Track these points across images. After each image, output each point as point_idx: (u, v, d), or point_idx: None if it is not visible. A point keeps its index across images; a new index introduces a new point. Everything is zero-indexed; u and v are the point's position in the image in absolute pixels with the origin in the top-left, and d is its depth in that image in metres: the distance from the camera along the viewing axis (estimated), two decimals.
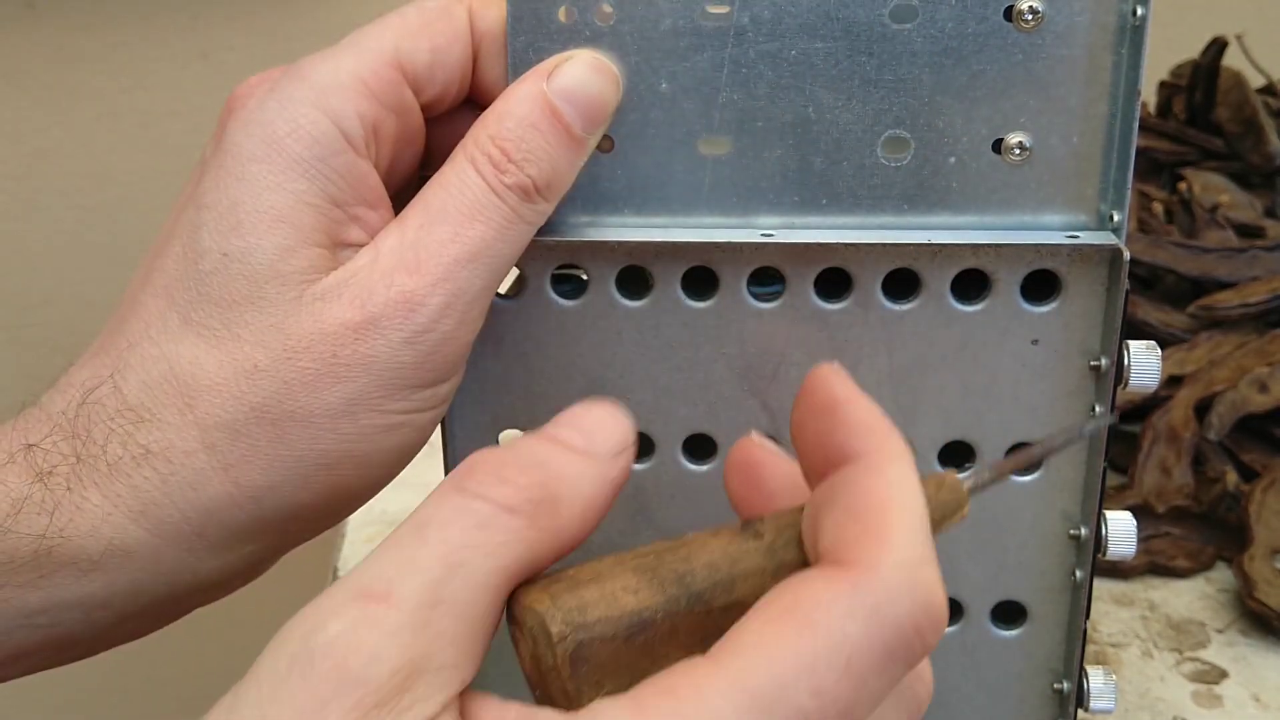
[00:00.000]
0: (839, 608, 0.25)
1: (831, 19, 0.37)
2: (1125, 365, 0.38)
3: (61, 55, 1.02)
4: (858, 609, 0.25)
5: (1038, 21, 0.36)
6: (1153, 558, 0.60)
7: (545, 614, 0.27)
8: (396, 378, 0.35)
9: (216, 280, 0.35)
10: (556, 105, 0.35)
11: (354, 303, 0.34)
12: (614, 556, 0.29)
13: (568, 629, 0.27)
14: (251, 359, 0.34)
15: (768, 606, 0.26)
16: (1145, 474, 0.63)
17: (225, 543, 0.35)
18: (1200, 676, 0.54)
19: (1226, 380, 0.65)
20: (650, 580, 0.28)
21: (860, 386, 0.29)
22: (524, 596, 0.28)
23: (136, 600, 0.35)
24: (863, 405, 0.29)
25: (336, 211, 0.35)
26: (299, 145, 0.35)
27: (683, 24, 0.37)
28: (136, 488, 0.34)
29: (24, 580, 0.33)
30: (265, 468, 0.34)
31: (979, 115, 0.37)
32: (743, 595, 0.28)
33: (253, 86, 0.37)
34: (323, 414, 0.34)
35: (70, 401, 0.35)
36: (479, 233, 0.35)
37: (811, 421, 0.29)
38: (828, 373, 0.29)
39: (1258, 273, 0.69)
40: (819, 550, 0.27)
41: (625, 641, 0.27)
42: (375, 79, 0.36)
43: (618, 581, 0.28)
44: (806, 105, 0.37)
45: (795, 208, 0.38)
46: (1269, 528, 0.58)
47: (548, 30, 0.37)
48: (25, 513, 0.33)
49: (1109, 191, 0.38)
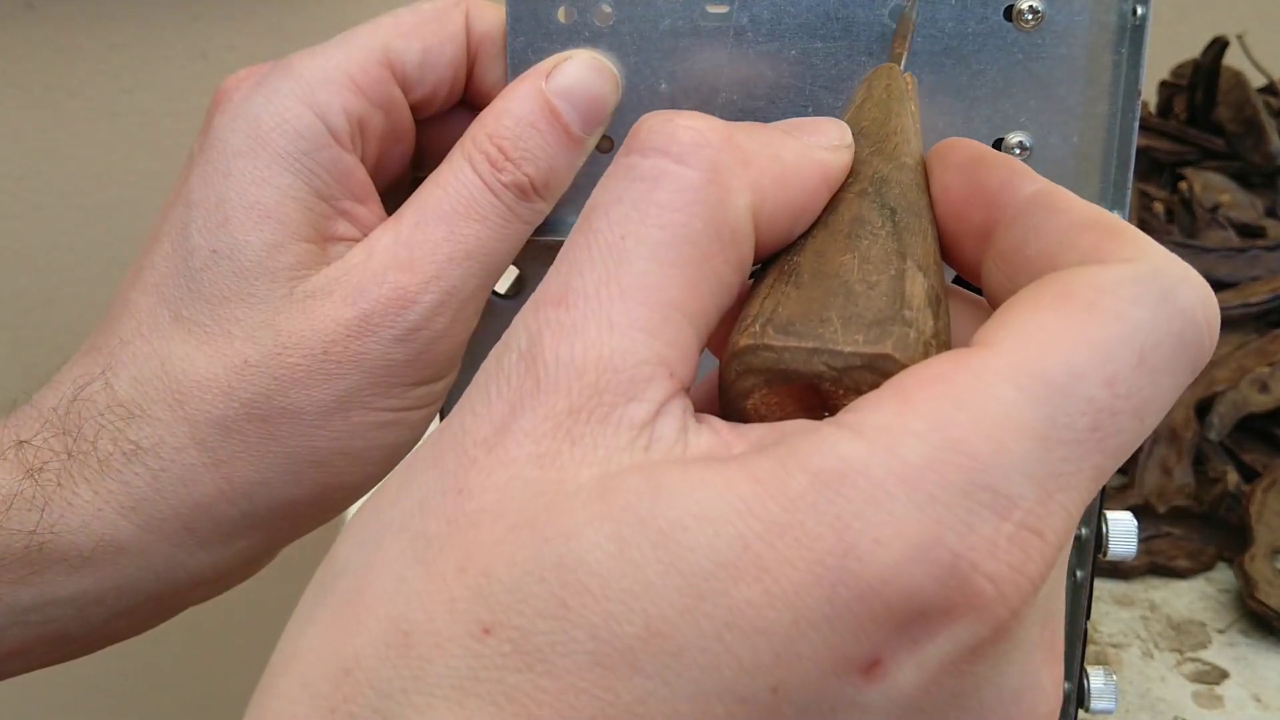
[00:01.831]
0: (1127, 291, 0.22)
1: (831, 19, 0.37)
2: None
3: (61, 55, 1.02)
4: (1146, 294, 0.22)
5: (1038, 21, 0.36)
6: (1153, 558, 0.60)
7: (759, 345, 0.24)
8: (388, 375, 0.35)
9: (206, 277, 0.35)
10: (555, 105, 0.35)
11: (346, 299, 0.34)
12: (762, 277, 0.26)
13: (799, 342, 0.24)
14: (242, 355, 0.34)
15: (1035, 295, 0.23)
16: (1146, 474, 0.63)
17: (216, 539, 0.35)
18: (1201, 677, 0.54)
19: (1227, 380, 0.65)
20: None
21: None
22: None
23: (129, 596, 0.35)
24: (1002, 154, 0.27)
25: (323, 206, 0.35)
26: (284, 140, 0.35)
27: (682, 24, 0.37)
28: (127, 484, 0.34)
29: (16, 577, 0.34)
30: (256, 464, 0.34)
31: (979, 115, 0.37)
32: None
33: (241, 80, 0.37)
34: (313, 410, 0.34)
35: (62, 398, 0.35)
36: (474, 231, 0.35)
37: (959, 174, 0.27)
38: (955, 140, 0.28)
39: (1258, 272, 0.69)
40: (1062, 267, 0.24)
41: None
42: (363, 75, 0.36)
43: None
44: (806, 105, 0.37)
45: None
46: (1270, 528, 0.58)
47: (547, 30, 0.37)
48: (16, 509, 0.33)
49: (1109, 191, 0.38)
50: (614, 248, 0.23)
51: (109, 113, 1.04)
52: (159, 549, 0.35)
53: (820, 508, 0.20)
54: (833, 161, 0.26)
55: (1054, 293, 0.23)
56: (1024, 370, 0.21)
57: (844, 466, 0.21)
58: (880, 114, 0.29)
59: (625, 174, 0.24)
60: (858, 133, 0.28)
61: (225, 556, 0.36)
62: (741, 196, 0.24)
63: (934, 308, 0.25)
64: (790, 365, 0.24)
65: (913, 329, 0.24)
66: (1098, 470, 0.22)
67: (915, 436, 0.21)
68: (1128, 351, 0.22)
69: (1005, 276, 0.25)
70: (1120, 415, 0.22)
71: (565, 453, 0.22)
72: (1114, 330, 0.22)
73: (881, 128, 0.29)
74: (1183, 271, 0.23)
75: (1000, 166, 0.26)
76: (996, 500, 0.21)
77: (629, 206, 0.24)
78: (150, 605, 0.36)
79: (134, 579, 0.35)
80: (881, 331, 0.24)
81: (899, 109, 0.29)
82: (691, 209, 0.24)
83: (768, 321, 0.24)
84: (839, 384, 0.24)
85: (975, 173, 0.27)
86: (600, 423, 0.22)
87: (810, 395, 0.24)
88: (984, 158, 0.27)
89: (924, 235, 0.26)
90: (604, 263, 0.23)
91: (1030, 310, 0.23)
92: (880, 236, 0.26)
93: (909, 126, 0.29)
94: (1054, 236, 0.24)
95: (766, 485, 0.21)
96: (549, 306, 0.23)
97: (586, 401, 0.22)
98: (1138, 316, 0.22)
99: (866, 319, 0.24)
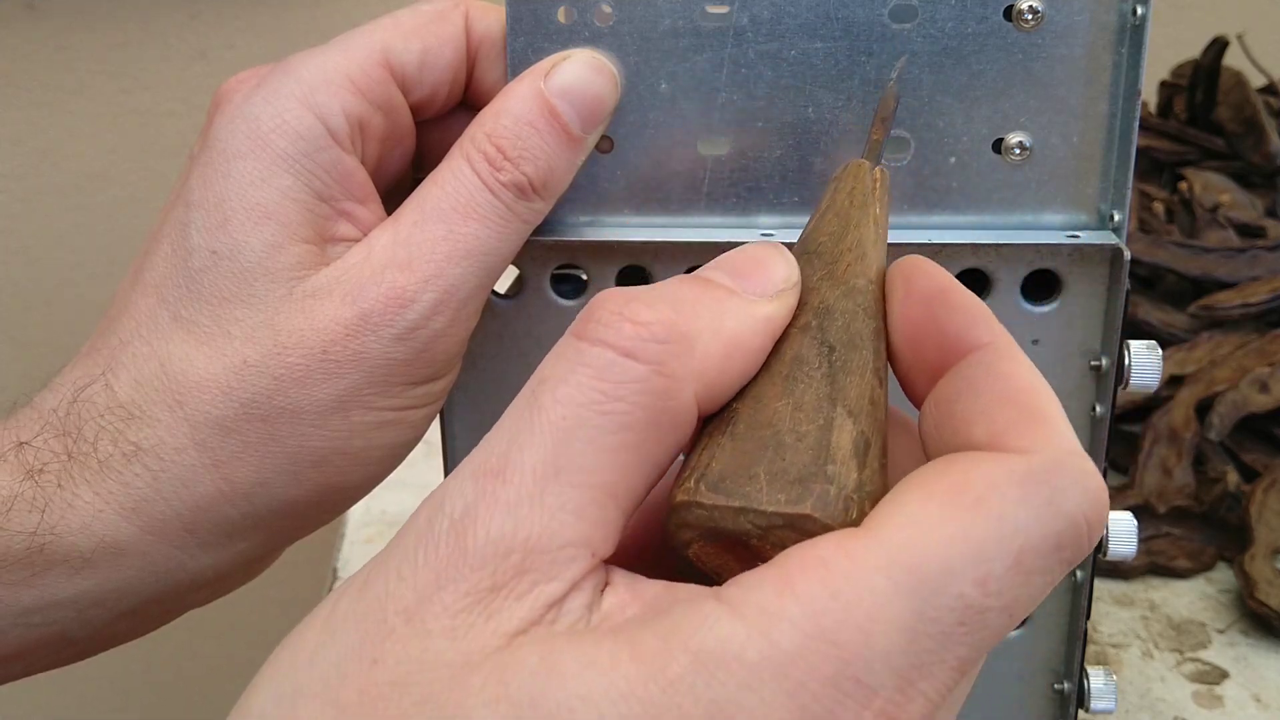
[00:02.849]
0: (1012, 493, 0.23)
1: (831, 19, 0.37)
2: (1126, 365, 0.38)
3: (61, 55, 1.02)
4: (1033, 497, 0.23)
5: (1038, 21, 0.36)
6: (1153, 558, 0.60)
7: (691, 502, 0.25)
8: (388, 374, 0.34)
9: (206, 278, 0.35)
10: (554, 104, 0.35)
11: (345, 299, 0.34)
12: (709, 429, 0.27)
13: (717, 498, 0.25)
14: (241, 355, 0.34)
15: (928, 482, 0.24)
16: (1146, 474, 0.63)
17: (217, 540, 0.35)
18: (1201, 677, 0.54)
19: (1227, 380, 0.65)
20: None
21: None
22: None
23: (130, 598, 0.35)
24: (968, 293, 0.27)
25: (323, 207, 0.35)
26: (284, 141, 0.35)
27: (682, 24, 0.37)
28: (128, 485, 0.34)
29: (16, 579, 0.33)
30: (256, 464, 0.34)
31: (979, 115, 0.37)
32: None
33: (241, 81, 0.37)
34: (313, 410, 0.34)
35: (61, 400, 0.35)
36: (473, 230, 0.35)
37: (920, 308, 0.27)
38: (922, 262, 0.28)
39: (1258, 272, 0.69)
40: (972, 438, 0.25)
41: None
42: (363, 77, 0.36)
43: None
44: (806, 105, 0.37)
45: (795, 208, 0.38)
46: (1270, 528, 0.58)
47: (547, 30, 0.37)
48: (16, 510, 0.33)
49: (1109, 191, 0.38)
50: (555, 427, 0.24)
51: (109, 113, 1.04)
52: (160, 550, 0.35)
53: (697, 691, 0.22)
54: (776, 313, 0.27)
55: (948, 483, 0.24)
56: (899, 563, 0.22)
57: (721, 650, 0.22)
58: (839, 226, 0.29)
59: (574, 356, 0.25)
60: (812, 252, 0.29)
61: (226, 558, 0.36)
62: (687, 387, 0.25)
63: (860, 457, 0.26)
64: (720, 524, 0.25)
65: (834, 485, 0.25)
66: (962, 661, 0.23)
67: (790, 622, 0.22)
68: (1004, 553, 0.23)
69: (934, 424, 0.26)
70: (989, 612, 0.23)
71: (479, 625, 0.23)
72: (993, 530, 0.23)
73: (837, 244, 0.29)
74: (1077, 472, 0.24)
75: (961, 310, 0.27)
76: (859, 689, 0.22)
77: (573, 388, 0.24)
78: (151, 607, 0.36)
79: (135, 581, 0.35)
80: (803, 490, 0.25)
81: (860, 218, 0.29)
82: (634, 399, 0.24)
83: (701, 477, 0.25)
84: (765, 540, 0.25)
85: (937, 310, 0.27)
86: (517, 599, 0.23)
87: (743, 548, 0.26)
88: (948, 295, 0.27)
89: (861, 372, 0.27)
90: (544, 441, 0.24)
91: (921, 497, 0.24)
92: (815, 379, 0.27)
93: (867, 238, 0.29)
94: (979, 402, 0.25)
95: (648, 665, 0.22)
96: (487, 478, 0.24)
97: (509, 580, 0.23)
98: (1019, 518, 0.23)
99: (791, 475, 0.25)
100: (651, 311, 0.25)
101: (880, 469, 0.26)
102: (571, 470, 0.24)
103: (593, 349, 0.25)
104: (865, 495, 0.25)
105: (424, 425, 0.37)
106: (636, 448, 0.25)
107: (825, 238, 0.29)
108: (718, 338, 0.26)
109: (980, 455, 0.24)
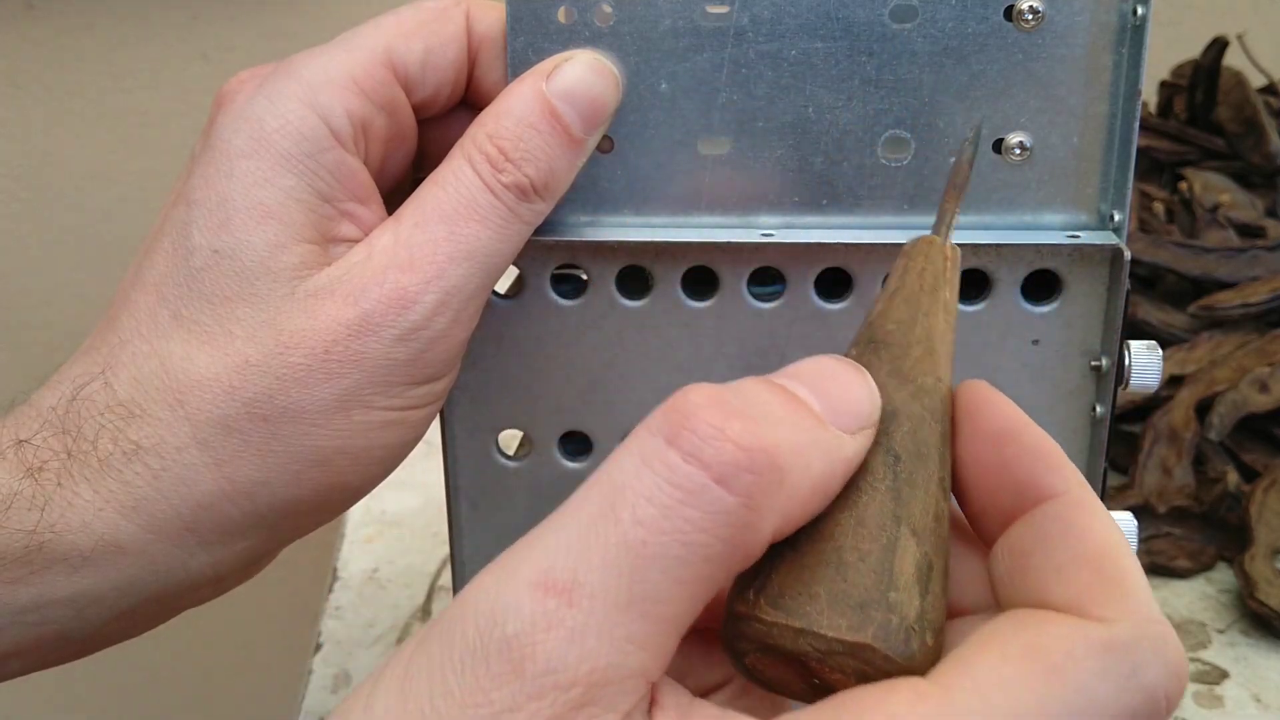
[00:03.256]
0: (1092, 664, 0.23)
1: (831, 19, 0.37)
2: (1126, 365, 0.38)
3: (61, 55, 1.02)
4: (1112, 670, 0.23)
5: (1038, 21, 0.36)
6: (1153, 558, 0.60)
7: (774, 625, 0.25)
8: (389, 374, 0.35)
9: (207, 277, 0.35)
10: (555, 105, 0.35)
11: (347, 299, 0.34)
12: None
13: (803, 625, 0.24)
14: (243, 354, 0.34)
15: (1005, 641, 0.23)
16: (1146, 474, 0.63)
17: (218, 538, 0.35)
18: (1201, 677, 0.54)
19: (1227, 380, 0.65)
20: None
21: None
22: (737, 605, 0.25)
23: (129, 597, 0.35)
24: (1040, 432, 0.27)
25: (326, 207, 0.35)
26: (287, 141, 0.35)
27: (682, 24, 0.37)
28: (128, 483, 0.34)
29: (15, 576, 0.33)
30: (257, 463, 0.34)
31: (979, 115, 0.37)
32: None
33: (243, 81, 0.37)
34: (315, 410, 0.34)
35: (61, 398, 0.35)
36: (474, 231, 0.35)
37: (990, 450, 0.27)
38: (989, 393, 0.27)
39: (1258, 272, 0.69)
40: (1049, 598, 0.24)
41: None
42: (365, 77, 0.36)
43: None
44: (806, 105, 0.37)
45: (795, 208, 0.38)
46: (1270, 528, 0.58)
47: (547, 31, 0.37)
48: (15, 508, 0.33)
49: (1109, 191, 0.38)
50: (635, 553, 0.23)
51: (109, 113, 1.04)
52: (159, 549, 0.35)
53: None
54: (857, 454, 0.26)
55: (1024, 644, 0.23)
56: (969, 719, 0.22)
57: None
58: (908, 313, 0.28)
59: (663, 470, 0.23)
60: (879, 341, 0.28)
61: (226, 556, 0.36)
62: (770, 522, 0.24)
63: (923, 583, 0.25)
64: (779, 641, 0.25)
65: (895, 614, 0.25)
66: None
67: None
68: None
69: (1006, 572, 0.26)
70: None
71: None
72: (1070, 702, 0.22)
73: (906, 334, 0.28)
74: (1158, 641, 0.23)
75: (1033, 454, 0.26)
76: None
77: (659, 512, 0.23)
78: (151, 606, 0.36)
79: (134, 579, 0.35)
80: (864, 618, 0.25)
81: (930, 305, 0.28)
82: (718, 531, 0.23)
83: (760, 590, 0.25)
84: (824, 663, 0.25)
85: (1008, 453, 0.26)
86: None
87: (800, 664, 0.26)
88: (1018, 435, 0.26)
89: (926, 485, 0.26)
90: (620, 567, 0.23)
91: (996, 659, 0.23)
92: (879, 491, 0.26)
93: (936, 329, 0.28)
94: (1055, 559, 0.25)
95: None
96: (551, 595, 0.23)
97: (568, 712, 0.22)
98: (1097, 691, 0.23)
99: (852, 599, 0.25)
100: (750, 435, 0.23)
101: (942, 593, 0.26)
102: (644, 600, 0.23)
103: (686, 466, 0.23)
104: (927, 625, 0.25)
105: (424, 425, 0.37)
106: (709, 579, 0.24)
107: (894, 325, 0.28)
108: (806, 477, 0.24)
109: (1057, 618, 0.24)
